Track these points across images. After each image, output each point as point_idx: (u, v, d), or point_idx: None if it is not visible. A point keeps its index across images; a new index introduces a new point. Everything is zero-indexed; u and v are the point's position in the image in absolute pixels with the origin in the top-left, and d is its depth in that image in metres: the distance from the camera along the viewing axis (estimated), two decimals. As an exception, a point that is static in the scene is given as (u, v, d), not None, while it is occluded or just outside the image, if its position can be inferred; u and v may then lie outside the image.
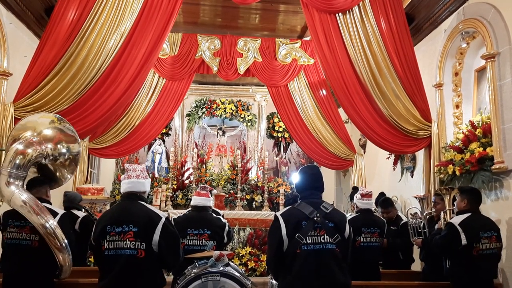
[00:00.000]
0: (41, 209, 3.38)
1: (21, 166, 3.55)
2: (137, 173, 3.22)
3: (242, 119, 9.74)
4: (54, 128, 3.98)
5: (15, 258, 3.40)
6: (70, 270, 3.45)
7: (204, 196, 4.07)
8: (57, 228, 3.36)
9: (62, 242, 3.34)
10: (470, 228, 3.69)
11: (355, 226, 4.38)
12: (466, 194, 3.92)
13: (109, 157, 7.71)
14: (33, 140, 3.75)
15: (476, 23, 4.85)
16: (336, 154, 7.38)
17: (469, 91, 5.54)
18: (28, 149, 3.65)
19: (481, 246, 3.68)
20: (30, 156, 3.63)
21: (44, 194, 3.70)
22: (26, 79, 4.97)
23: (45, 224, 3.31)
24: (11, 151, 3.60)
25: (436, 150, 5.40)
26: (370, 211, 4.69)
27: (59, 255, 3.32)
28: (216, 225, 4.00)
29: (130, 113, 6.97)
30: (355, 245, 4.38)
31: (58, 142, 3.90)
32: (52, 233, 3.31)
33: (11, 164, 3.53)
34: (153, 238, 2.97)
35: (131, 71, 5.44)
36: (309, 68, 7.68)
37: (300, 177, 3.02)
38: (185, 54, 7.36)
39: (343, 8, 5.62)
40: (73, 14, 5.09)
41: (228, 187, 8.61)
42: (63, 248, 3.34)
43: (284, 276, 2.79)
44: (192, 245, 3.81)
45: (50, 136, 3.90)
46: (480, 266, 3.69)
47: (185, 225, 3.86)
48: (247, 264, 6.21)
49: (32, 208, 3.34)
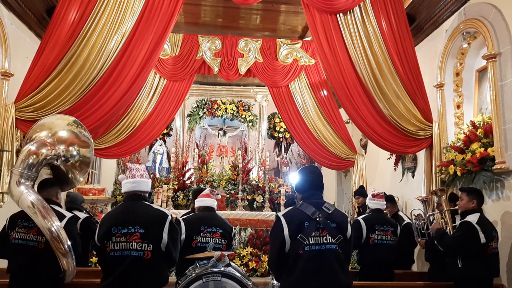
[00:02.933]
0: (47, 211, 3.36)
1: (33, 167, 3.54)
2: (140, 173, 3.23)
3: (243, 120, 9.75)
4: (69, 131, 3.99)
5: (21, 258, 3.39)
6: (73, 274, 3.44)
7: (213, 199, 4.19)
8: (61, 232, 3.34)
9: (66, 247, 3.32)
10: (486, 227, 3.75)
11: (369, 224, 4.51)
12: (475, 195, 3.97)
13: (110, 158, 7.71)
14: (47, 141, 3.75)
15: (477, 23, 4.84)
16: (337, 155, 7.37)
17: (470, 91, 5.53)
18: (41, 149, 3.64)
19: (494, 245, 3.77)
20: (42, 157, 3.62)
21: (54, 196, 3.70)
22: (28, 80, 4.98)
23: (50, 227, 3.29)
24: (24, 151, 3.59)
25: (437, 150, 5.39)
26: (382, 211, 4.77)
27: (62, 260, 3.31)
28: (227, 225, 4.11)
29: (131, 114, 6.96)
30: (369, 242, 4.47)
31: (70, 145, 3.90)
32: (57, 237, 3.29)
33: (23, 164, 3.53)
34: (163, 238, 3.00)
35: (132, 72, 5.44)
36: (310, 69, 7.67)
37: (300, 178, 3.02)
38: (186, 55, 7.36)
39: (344, 9, 5.61)
40: (75, 14, 5.10)
41: (229, 188, 8.61)
42: (67, 253, 3.32)
43: (286, 277, 2.79)
44: (205, 242, 3.87)
45: (64, 138, 3.90)
46: (492, 265, 3.77)
47: (199, 222, 3.90)
48: (248, 264, 6.21)
49: (39, 210, 3.33)
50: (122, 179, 3.28)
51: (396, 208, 5.48)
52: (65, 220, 3.50)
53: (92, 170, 7.19)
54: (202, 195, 4.20)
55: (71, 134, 3.97)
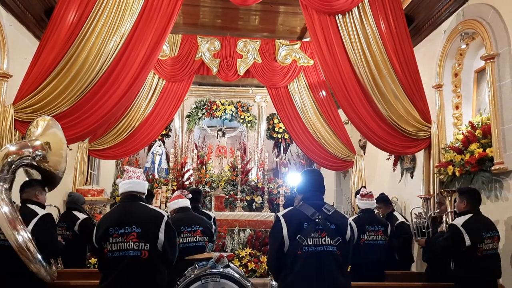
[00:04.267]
0: (15, 220, 3.35)
1: (9, 168, 3.52)
2: (137, 175, 3.25)
3: (242, 120, 9.75)
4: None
5: (1, 260, 3.42)
6: (50, 275, 3.44)
7: (186, 199, 4.29)
8: (29, 242, 3.32)
9: (35, 255, 3.31)
10: (473, 229, 3.70)
11: (359, 225, 4.46)
12: (465, 195, 3.94)
13: (109, 159, 7.71)
14: (23, 144, 3.74)
15: (476, 24, 4.85)
16: (336, 155, 7.38)
17: (468, 92, 5.54)
18: (19, 150, 3.63)
19: (485, 247, 3.69)
20: (16, 158, 3.58)
21: (33, 196, 3.72)
22: (26, 81, 4.98)
23: (17, 238, 3.29)
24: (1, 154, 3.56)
25: (435, 151, 5.39)
26: (372, 210, 4.78)
27: (30, 265, 3.32)
28: (206, 222, 4.19)
29: (130, 115, 6.97)
30: (359, 243, 4.45)
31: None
32: (24, 248, 3.29)
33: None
34: (159, 237, 3.01)
35: (131, 73, 5.44)
36: (309, 69, 7.68)
37: (302, 179, 3.03)
38: (185, 56, 7.36)
39: (342, 9, 5.62)
40: (73, 15, 5.09)
41: (228, 188, 8.61)
42: (35, 262, 3.32)
43: (284, 277, 2.79)
44: (187, 242, 3.94)
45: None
46: (485, 267, 3.70)
47: (178, 224, 3.91)
48: (247, 265, 6.21)
49: (8, 221, 3.32)
50: (120, 182, 3.29)
51: (389, 208, 5.49)
52: (36, 217, 3.50)
53: (91, 171, 7.18)
54: (173, 197, 4.32)
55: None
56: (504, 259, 4.12)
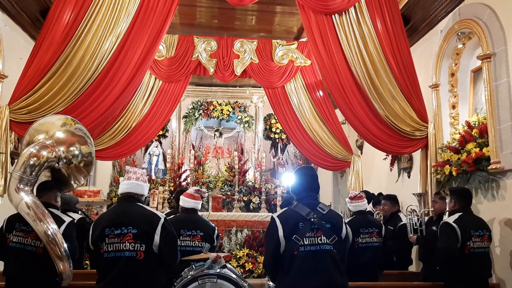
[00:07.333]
0: (43, 214, 3.32)
1: (33, 170, 3.48)
2: (137, 176, 3.24)
3: (239, 121, 9.74)
4: (66, 131, 3.89)
5: (18, 262, 3.36)
6: (70, 278, 3.40)
7: (197, 200, 4.08)
8: (58, 235, 3.29)
9: (63, 250, 3.28)
10: (461, 227, 3.72)
11: (353, 228, 4.39)
12: (454, 195, 3.98)
13: (105, 159, 7.68)
14: (46, 143, 3.67)
15: (472, 23, 4.86)
16: (333, 155, 7.37)
17: (465, 92, 5.55)
18: (42, 152, 3.57)
19: (472, 245, 3.70)
20: (43, 159, 3.54)
21: (53, 199, 3.65)
22: (22, 81, 4.95)
23: (47, 231, 3.25)
24: (25, 154, 3.52)
25: (432, 150, 5.40)
26: (364, 212, 4.71)
27: (58, 263, 3.27)
28: (208, 227, 4.02)
29: (127, 115, 6.94)
30: (353, 246, 4.38)
31: (70, 145, 3.81)
32: (52, 240, 3.25)
33: (23, 168, 3.46)
34: (154, 239, 2.99)
35: (127, 73, 5.42)
36: (306, 69, 7.67)
37: (296, 179, 3.02)
38: (182, 56, 7.34)
39: (339, 9, 5.62)
40: (69, 16, 5.07)
41: (226, 189, 8.61)
42: (63, 256, 3.28)
43: (281, 278, 2.78)
44: (185, 246, 3.83)
45: (62, 139, 3.80)
46: (473, 265, 3.70)
47: (178, 226, 3.85)
48: (245, 265, 6.21)
49: (37, 216, 3.28)
50: (122, 181, 3.28)
51: (395, 207, 5.39)
52: (64, 224, 3.46)
53: (87, 172, 7.15)
54: (185, 194, 4.09)
55: (68, 134, 3.87)
56: (501, 258, 4.13)
